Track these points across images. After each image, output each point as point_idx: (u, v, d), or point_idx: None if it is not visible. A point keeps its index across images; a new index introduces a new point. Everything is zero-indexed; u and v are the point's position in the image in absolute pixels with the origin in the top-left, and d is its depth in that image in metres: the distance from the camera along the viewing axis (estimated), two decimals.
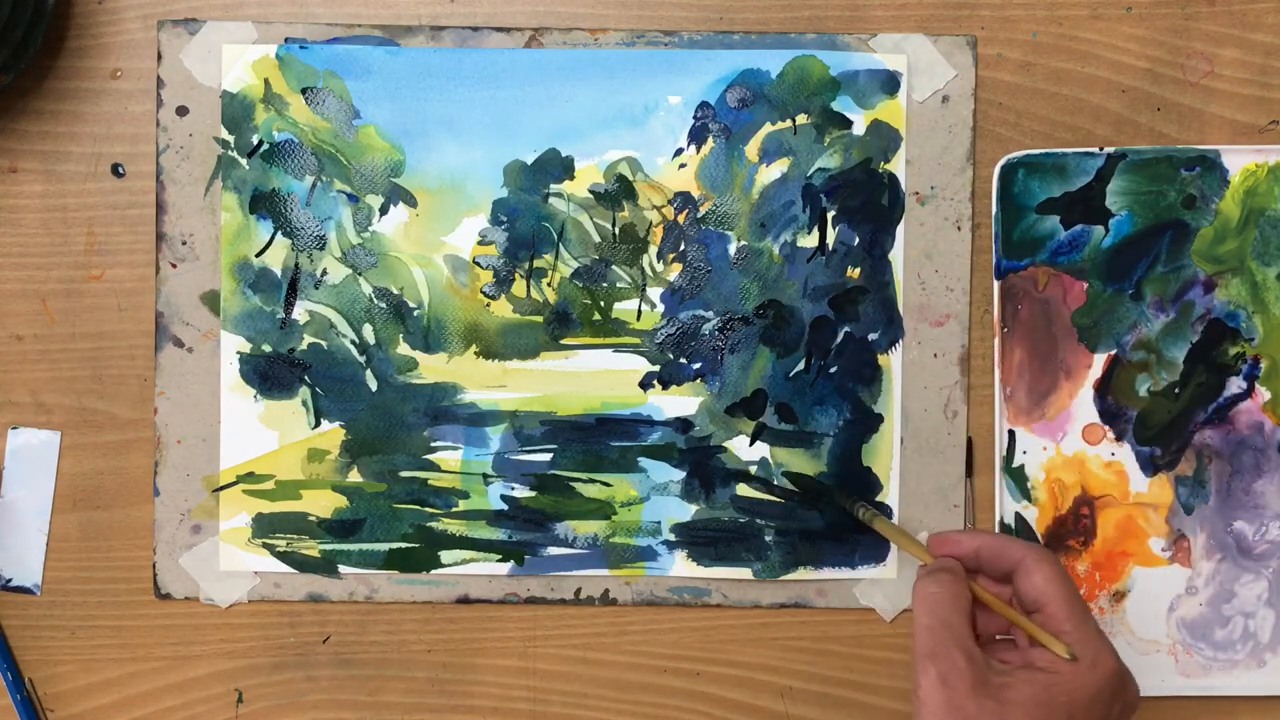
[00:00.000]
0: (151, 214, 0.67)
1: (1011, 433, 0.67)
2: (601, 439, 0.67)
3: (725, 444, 0.67)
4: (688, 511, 0.67)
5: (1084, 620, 0.53)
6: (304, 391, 0.67)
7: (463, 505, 0.67)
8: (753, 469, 0.67)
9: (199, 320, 0.67)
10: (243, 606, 0.67)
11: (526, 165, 0.67)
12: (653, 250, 0.67)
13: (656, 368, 0.67)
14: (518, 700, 0.68)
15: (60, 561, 0.67)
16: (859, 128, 0.67)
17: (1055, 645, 0.53)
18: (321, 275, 0.67)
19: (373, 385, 0.67)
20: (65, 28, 0.67)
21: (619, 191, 0.67)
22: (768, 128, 0.67)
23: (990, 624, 0.57)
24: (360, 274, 0.67)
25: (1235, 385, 0.67)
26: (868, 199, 0.67)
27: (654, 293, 0.67)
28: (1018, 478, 0.67)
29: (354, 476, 0.67)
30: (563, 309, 0.67)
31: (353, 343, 0.67)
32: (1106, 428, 0.68)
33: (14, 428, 0.67)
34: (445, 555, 0.67)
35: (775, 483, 0.66)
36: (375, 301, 0.67)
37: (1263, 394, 0.67)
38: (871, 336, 0.67)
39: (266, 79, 0.66)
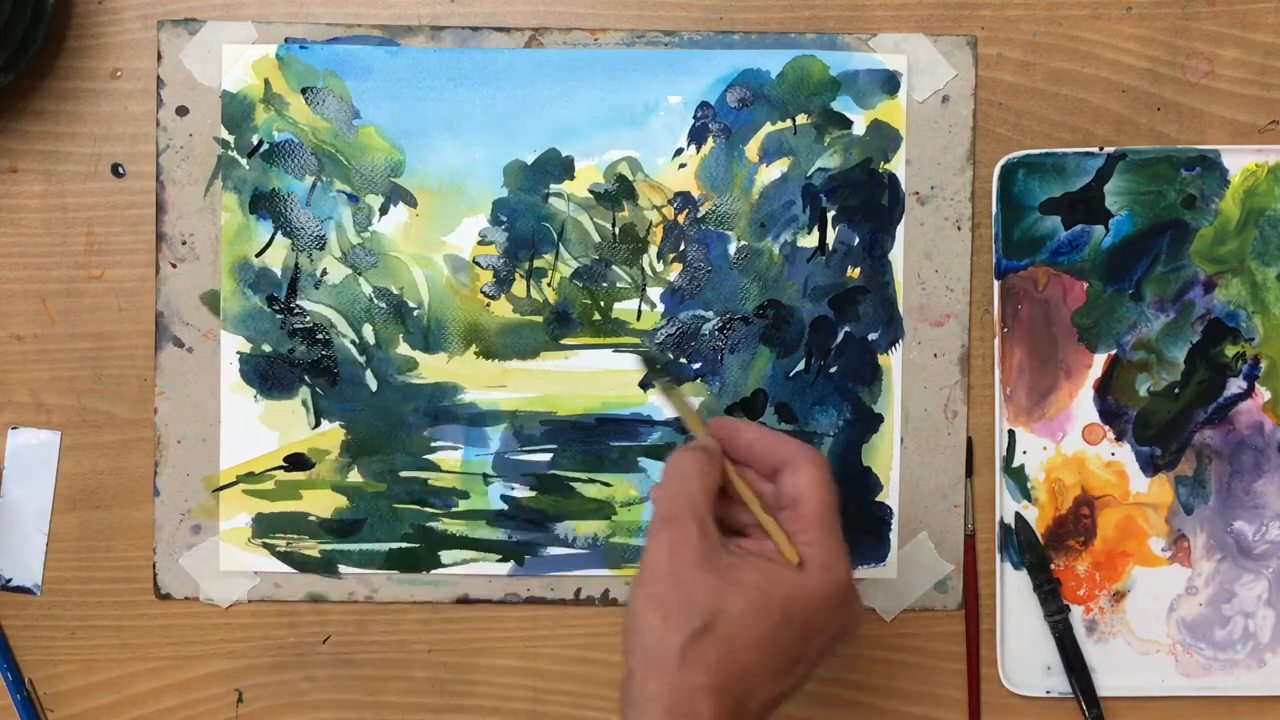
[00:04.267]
0: (151, 214, 0.67)
1: (1011, 433, 0.67)
2: (601, 439, 0.67)
3: None
4: None
5: (830, 528, 0.52)
6: (304, 391, 0.67)
7: (463, 505, 0.67)
8: None
9: (199, 320, 0.67)
10: (243, 606, 0.67)
11: (526, 165, 0.67)
12: (653, 250, 0.67)
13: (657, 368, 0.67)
14: (518, 700, 0.68)
15: (60, 561, 0.67)
16: (859, 128, 0.67)
17: (786, 547, 0.52)
18: (321, 275, 0.67)
19: (373, 385, 0.67)
20: (65, 28, 0.67)
21: (619, 191, 0.67)
22: (768, 128, 0.67)
23: (742, 519, 0.55)
24: (360, 274, 0.67)
25: (1235, 385, 0.67)
26: (868, 199, 0.67)
27: (654, 293, 0.67)
28: (1018, 478, 0.67)
29: (354, 476, 0.67)
30: (563, 309, 0.67)
31: (353, 343, 0.67)
32: (1106, 428, 0.68)
33: (14, 428, 0.67)
34: (445, 555, 0.67)
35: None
36: (375, 301, 0.67)
37: (1263, 394, 0.67)
38: (871, 336, 0.67)
39: (266, 79, 0.66)
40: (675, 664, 0.49)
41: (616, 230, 0.67)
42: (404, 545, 0.67)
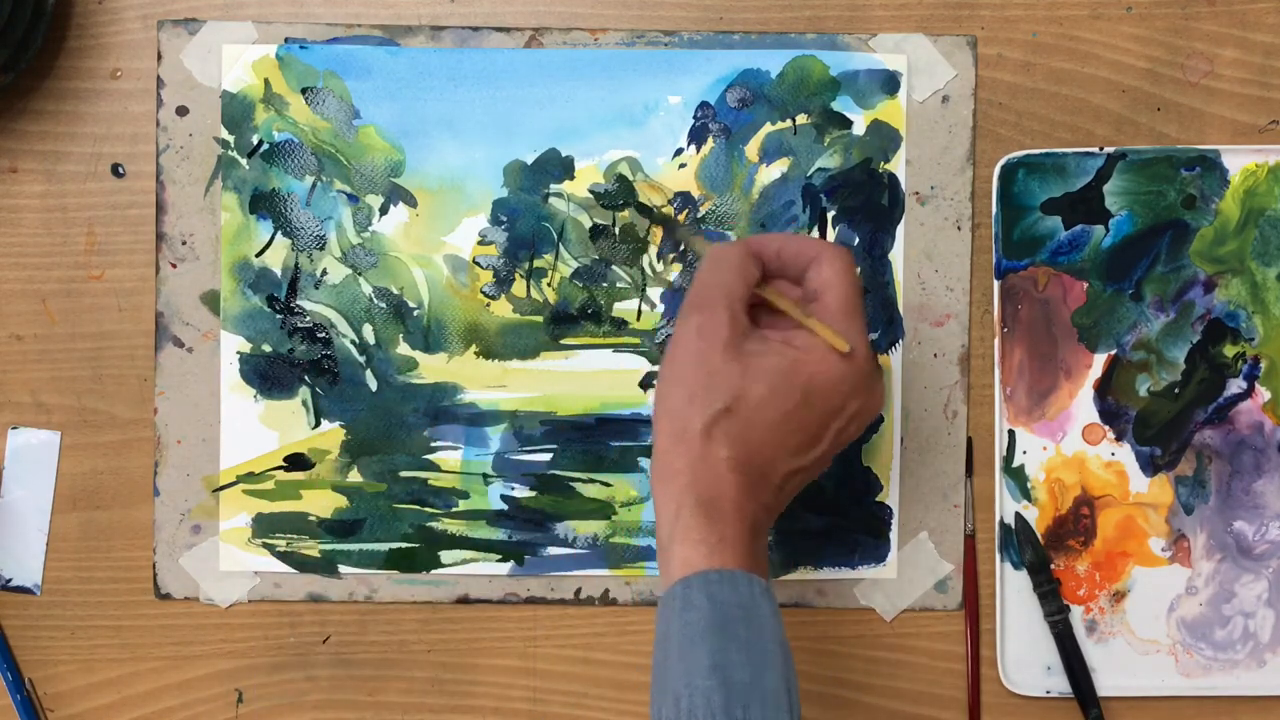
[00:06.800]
0: (151, 214, 0.67)
1: (1011, 433, 0.67)
2: (601, 439, 0.67)
3: None
4: None
5: (853, 315, 0.54)
6: (304, 391, 0.67)
7: (463, 505, 0.67)
8: None
9: (199, 320, 0.67)
10: (243, 606, 0.67)
11: (526, 165, 0.67)
12: (653, 250, 0.67)
13: (656, 367, 0.67)
14: (518, 700, 0.68)
15: (60, 561, 0.67)
16: (859, 128, 0.67)
17: (835, 340, 0.54)
18: (321, 275, 0.67)
19: (373, 385, 0.67)
20: (65, 28, 0.67)
21: (619, 191, 0.67)
22: (768, 128, 0.67)
23: (776, 325, 0.56)
24: (360, 274, 0.67)
25: (1235, 385, 0.67)
26: (868, 199, 0.67)
27: (654, 293, 0.67)
28: (1018, 478, 0.67)
29: (354, 476, 0.67)
30: (563, 309, 0.67)
31: (353, 343, 0.67)
32: (1106, 428, 0.68)
33: (14, 428, 0.67)
34: (445, 555, 0.67)
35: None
36: (375, 301, 0.67)
37: (1263, 394, 0.67)
38: (872, 336, 0.67)
39: (266, 79, 0.66)
40: (699, 440, 0.52)
41: (617, 230, 0.67)
42: (404, 545, 0.67)
